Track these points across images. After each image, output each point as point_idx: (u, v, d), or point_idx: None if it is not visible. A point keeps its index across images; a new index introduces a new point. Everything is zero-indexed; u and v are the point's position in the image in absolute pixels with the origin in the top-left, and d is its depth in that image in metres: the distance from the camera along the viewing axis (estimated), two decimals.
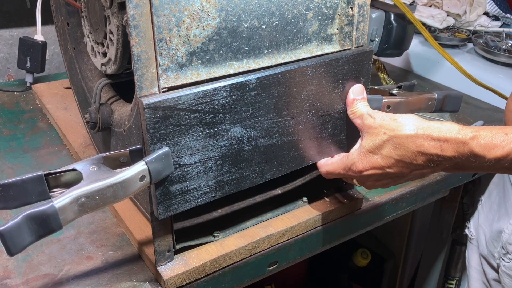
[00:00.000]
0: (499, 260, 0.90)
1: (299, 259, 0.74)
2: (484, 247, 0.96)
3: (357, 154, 0.61)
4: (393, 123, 0.58)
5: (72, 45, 0.83)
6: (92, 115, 0.70)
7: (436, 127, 0.55)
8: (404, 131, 0.56)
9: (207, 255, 0.63)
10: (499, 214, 0.93)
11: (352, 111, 0.64)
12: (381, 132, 0.58)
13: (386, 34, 1.04)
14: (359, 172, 0.61)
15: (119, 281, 0.62)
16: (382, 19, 1.03)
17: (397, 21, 1.03)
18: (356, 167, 0.61)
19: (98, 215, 0.74)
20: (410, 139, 0.56)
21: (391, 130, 0.58)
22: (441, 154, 0.54)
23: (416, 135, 0.56)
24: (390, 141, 0.57)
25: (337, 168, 0.65)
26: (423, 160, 0.56)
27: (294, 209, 0.73)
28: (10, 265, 0.64)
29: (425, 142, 0.55)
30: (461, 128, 0.54)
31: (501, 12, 1.53)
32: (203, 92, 0.54)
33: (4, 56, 1.24)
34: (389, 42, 1.04)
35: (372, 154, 0.59)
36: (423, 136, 0.55)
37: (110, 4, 0.63)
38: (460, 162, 0.54)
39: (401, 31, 1.04)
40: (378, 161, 0.59)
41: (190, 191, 0.57)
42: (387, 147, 0.58)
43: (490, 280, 0.96)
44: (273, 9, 0.57)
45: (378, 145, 0.58)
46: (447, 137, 0.54)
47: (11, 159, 0.87)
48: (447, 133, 0.54)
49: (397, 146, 0.57)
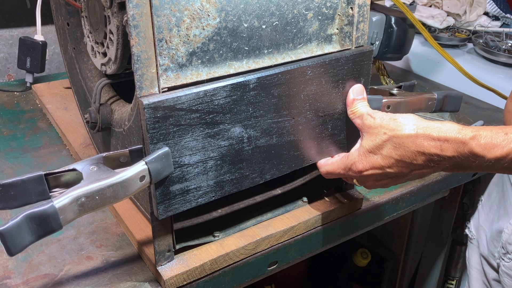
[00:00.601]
0: (499, 260, 0.90)
1: (299, 259, 0.74)
2: (484, 247, 0.96)
3: (357, 154, 0.61)
4: (393, 123, 0.58)
5: (72, 45, 0.83)
6: (92, 115, 0.70)
7: (436, 127, 0.55)
8: (404, 131, 0.56)
9: (207, 255, 0.63)
10: (499, 214, 0.93)
11: (352, 111, 0.64)
12: (381, 132, 0.58)
13: (387, 38, 1.03)
14: (359, 172, 0.61)
15: (119, 281, 0.62)
16: (382, 22, 1.02)
17: (397, 25, 1.03)
18: (356, 167, 0.61)
19: (98, 215, 0.74)
20: (410, 139, 0.56)
21: (391, 130, 0.57)
22: (441, 154, 0.54)
23: (416, 135, 0.56)
24: (390, 141, 0.57)
25: (337, 168, 0.65)
26: (423, 160, 0.56)
27: (294, 209, 0.73)
28: (10, 265, 0.64)
29: (425, 142, 0.55)
30: (461, 128, 0.54)
31: (501, 12, 1.53)
32: (203, 92, 0.54)
33: (4, 56, 1.24)
34: (390, 45, 1.04)
35: (372, 154, 0.59)
36: (423, 136, 0.55)
37: (110, 4, 0.63)
38: (460, 162, 0.54)
39: (401, 34, 1.04)
40: (378, 161, 0.59)
41: (190, 191, 0.57)
42: (387, 147, 0.58)
43: (490, 280, 0.96)
44: (273, 9, 0.57)
45: (378, 145, 0.58)
46: (447, 137, 0.54)
47: (11, 159, 0.87)
48: (447, 133, 0.54)
49: (397, 146, 0.57)
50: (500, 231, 0.90)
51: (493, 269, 0.94)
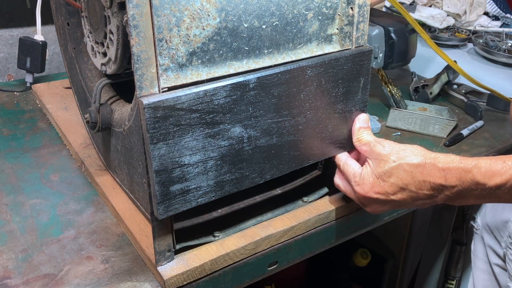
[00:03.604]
0: (505, 249, 0.93)
1: (299, 259, 0.74)
2: (490, 237, 0.98)
3: (365, 178, 0.63)
4: (402, 152, 0.61)
5: (72, 45, 0.83)
6: (92, 115, 0.70)
7: (442, 158, 0.59)
8: (413, 161, 0.60)
9: (207, 255, 0.63)
10: (504, 204, 0.95)
11: (358, 138, 0.68)
12: (390, 159, 0.61)
13: (389, 49, 1.04)
14: (364, 194, 0.63)
15: (119, 281, 0.62)
16: (382, 35, 1.03)
17: (397, 35, 1.03)
18: (363, 189, 0.63)
19: (98, 215, 0.74)
20: (418, 169, 0.59)
21: (400, 158, 0.61)
22: (445, 183, 0.58)
23: (424, 165, 0.59)
24: (399, 169, 0.60)
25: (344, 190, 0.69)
26: (428, 189, 0.59)
27: (294, 209, 0.73)
28: (10, 265, 0.64)
29: (432, 171, 0.58)
30: (462, 158, 0.58)
31: (501, 12, 1.54)
32: (203, 92, 0.54)
33: (4, 56, 1.24)
34: (393, 56, 1.05)
35: (380, 180, 0.62)
36: (430, 165, 0.59)
37: (110, 4, 0.63)
38: (463, 190, 0.57)
39: (403, 44, 1.04)
40: (385, 187, 0.61)
41: (190, 191, 0.57)
42: (395, 175, 0.61)
43: (494, 268, 0.98)
44: (273, 9, 0.57)
45: (387, 172, 0.61)
46: (451, 167, 0.57)
47: (11, 159, 0.87)
48: (450, 163, 0.58)
49: (406, 175, 0.60)
50: (506, 221, 0.92)
51: (499, 258, 0.97)
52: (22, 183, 0.80)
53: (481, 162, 0.56)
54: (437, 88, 1.15)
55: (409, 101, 1.09)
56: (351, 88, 0.66)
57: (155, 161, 0.53)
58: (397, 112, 1.01)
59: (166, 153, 0.53)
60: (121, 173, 0.73)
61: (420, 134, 1.00)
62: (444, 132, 0.99)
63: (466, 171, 0.56)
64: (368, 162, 0.64)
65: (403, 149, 0.61)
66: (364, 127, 0.68)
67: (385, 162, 0.61)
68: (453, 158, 0.58)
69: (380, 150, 0.63)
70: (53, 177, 0.82)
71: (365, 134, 0.67)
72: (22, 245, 0.67)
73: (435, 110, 1.06)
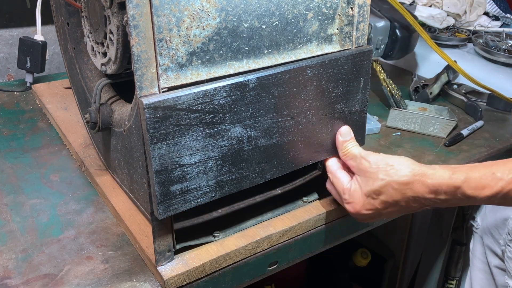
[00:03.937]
0: (504, 246, 0.93)
1: (299, 259, 0.74)
2: (488, 235, 0.98)
3: (354, 196, 0.63)
4: (390, 169, 0.60)
5: (72, 45, 0.83)
6: (92, 115, 0.70)
7: (431, 173, 0.58)
8: (401, 178, 0.59)
9: (207, 255, 0.63)
10: None
11: (343, 153, 0.67)
12: (378, 177, 0.61)
13: (391, 43, 1.05)
14: (357, 211, 0.64)
15: (119, 281, 0.62)
16: (387, 29, 1.04)
17: (402, 32, 1.04)
18: (354, 207, 0.64)
19: (98, 215, 0.74)
20: (408, 186, 0.59)
21: (388, 175, 0.60)
22: (436, 198, 0.58)
23: (413, 182, 0.59)
24: (388, 186, 0.60)
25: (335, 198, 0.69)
26: (419, 203, 0.60)
27: (294, 209, 0.73)
28: (10, 265, 0.64)
29: (421, 188, 0.58)
30: (451, 172, 0.57)
31: (501, 12, 1.54)
32: (203, 92, 0.54)
33: (4, 56, 1.24)
34: (394, 49, 1.06)
35: (370, 198, 0.62)
36: (419, 182, 0.58)
37: (110, 4, 0.63)
38: (454, 202, 0.58)
39: (406, 41, 1.05)
40: (375, 205, 0.62)
41: (190, 191, 0.57)
42: (384, 193, 0.61)
43: (492, 268, 0.98)
44: (273, 9, 0.57)
45: (376, 190, 0.61)
46: (441, 183, 0.57)
47: (11, 159, 0.87)
48: (440, 179, 0.57)
49: (395, 192, 0.60)
50: (505, 219, 0.92)
51: (497, 257, 0.97)
52: (22, 183, 0.80)
53: (471, 176, 0.56)
54: (437, 88, 1.15)
55: (409, 101, 1.09)
56: (351, 88, 0.66)
57: (155, 161, 0.53)
58: (397, 112, 1.02)
59: (166, 153, 0.53)
60: (121, 173, 0.73)
61: (420, 134, 1.00)
62: (444, 132, 0.99)
63: (456, 187, 0.56)
64: (357, 177, 0.64)
65: (390, 165, 0.60)
66: (347, 139, 0.67)
67: (373, 180, 0.61)
68: (442, 173, 0.57)
69: (366, 167, 0.62)
70: (53, 177, 0.82)
71: (349, 146, 0.66)
72: (22, 245, 0.67)
73: (435, 110, 1.06)
